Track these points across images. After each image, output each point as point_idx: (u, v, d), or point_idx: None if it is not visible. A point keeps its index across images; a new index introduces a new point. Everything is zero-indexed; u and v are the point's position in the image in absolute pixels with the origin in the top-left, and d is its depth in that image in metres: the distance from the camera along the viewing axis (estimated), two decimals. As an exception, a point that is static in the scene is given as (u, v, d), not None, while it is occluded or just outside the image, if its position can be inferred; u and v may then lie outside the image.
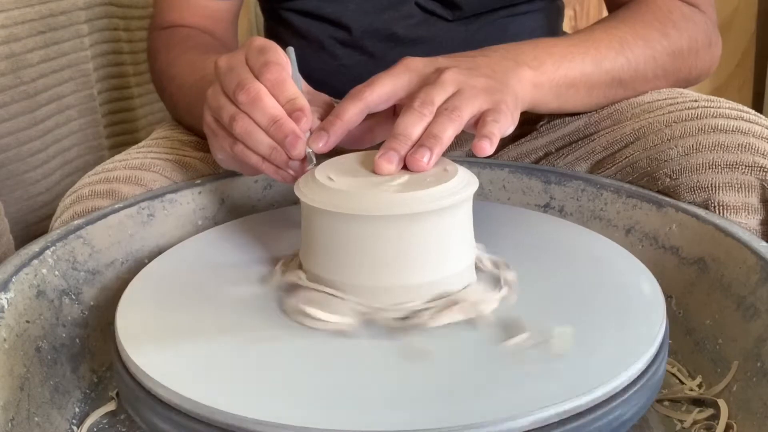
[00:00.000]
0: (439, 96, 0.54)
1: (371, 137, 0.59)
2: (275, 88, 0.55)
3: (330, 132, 0.55)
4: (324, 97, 0.62)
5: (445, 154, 0.53)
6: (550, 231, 0.62)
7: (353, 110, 0.56)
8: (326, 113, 0.57)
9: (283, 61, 0.56)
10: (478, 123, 0.54)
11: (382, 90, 0.57)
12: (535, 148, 0.77)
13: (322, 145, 0.54)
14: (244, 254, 0.58)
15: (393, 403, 0.42)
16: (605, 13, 0.83)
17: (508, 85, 0.59)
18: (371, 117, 0.58)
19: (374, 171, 0.51)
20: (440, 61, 0.59)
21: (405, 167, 0.51)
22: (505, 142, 0.78)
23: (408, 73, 0.58)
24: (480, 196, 0.51)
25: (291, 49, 0.59)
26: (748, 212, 0.63)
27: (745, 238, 0.57)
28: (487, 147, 0.52)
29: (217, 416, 0.41)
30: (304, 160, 0.54)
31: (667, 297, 0.52)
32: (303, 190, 0.50)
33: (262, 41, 0.57)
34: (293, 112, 0.54)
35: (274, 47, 0.57)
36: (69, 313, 0.60)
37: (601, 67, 0.68)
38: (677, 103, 0.69)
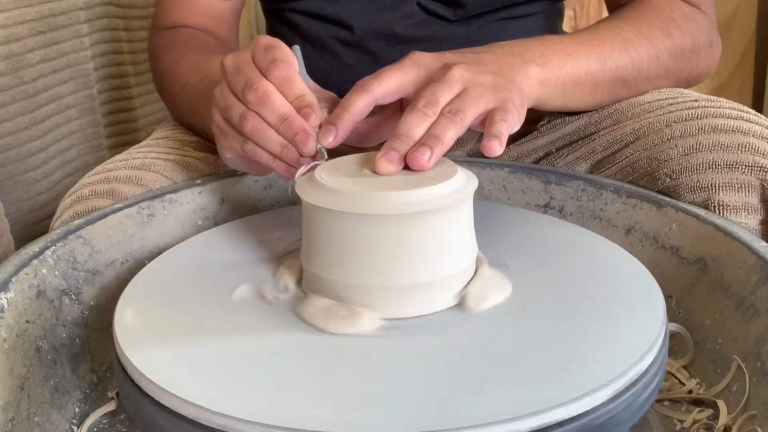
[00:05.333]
0: (444, 95, 0.54)
1: (378, 134, 0.59)
2: (283, 86, 0.55)
3: (338, 126, 0.54)
4: (330, 95, 0.62)
5: (445, 154, 0.53)
6: (549, 231, 0.62)
7: (361, 102, 0.55)
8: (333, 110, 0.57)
9: (290, 59, 0.56)
10: (485, 122, 0.54)
11: (389, 83, 0.57)
12: (536, 148, 0.77)
13: (331, 139, 0.54)
14: (245, 254, 0.58)
15: (393, 403, 0.42)
16: (605, 14, 0.83)
17: (515, 82, 0.59)
18: (378, 114, 0.58)
19: (375, 171, 0.51)
20: (447, 56, 0.59)
21: (406, 167, 0.51)
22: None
23: (415, 68, 0.58)
24: (480, 196, 0.51)
25: (297, 47, 0.59)
26: (748, 212, 0.63)
27: (745, 238, 0.57)
28: (496, 147, 0.51)
29: (216, 418, 0.41)
30: (315, 156, 0.54)
31: (667, 297, 0.52)
32: (304, 190, 0.50)
33: (268, 39, 0.57)
34: (302, 109, 0.54)
35: (281, 45, 0.57)
36: (69, 313, 0.60)
37: (605, 66, 0.68)
38: (677, 102, 0.69)
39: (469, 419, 0.39)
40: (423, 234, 0.48)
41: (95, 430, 0.55)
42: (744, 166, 0.62)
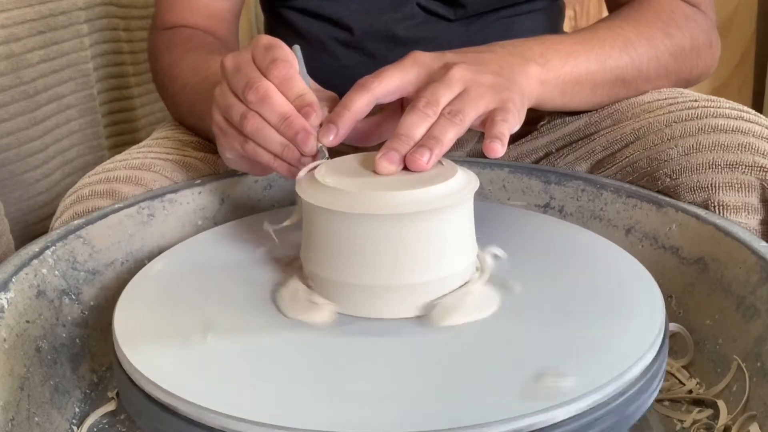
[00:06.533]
0: (445, 96, 0.54)
1: (378, 134, 0.59)
2: (283, 85, 0.55)
3: (339, 124, 0.54)
4: (331, 94, 0.62)
5: (445, 154, 0.53)
6: (550, 231, 0.62)
7: (361, 101, 0.55)
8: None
9: (290, 58, 0.56)
10: (486, 122, 0.54)
11: (390, 82, 0.57)
12: (536, 148, 0.77)
13: (332, 138, 0.54)
14: (244, 254, 0.58)
15: (391, 403, 0.42)
16: (605, 13, 0.83)
17: (516, 82, 0.59)
18: (379, 113, 0.58)
19: (375, 171, 0.51)
20: (448, 56, 0.59)
21: (406, 167, 0.51)
22: (505, 143, 0.78)
23: (416, 67, 0.57)
24: (480, 196, 0.51)
25: (297, 47, 0.59)
26: (748, 212, 0.63)
27: (745, 238, 0.57)
28: (498, 148, 0.51)
29: (216, 417, 0.41)
30: (316, 155, 0.54)
31: (667, 297, 0.52)
32: (304, 189, 0.50)
33: (268, 39, 0.57)
34: (302, 108, 0.54)
35: (281, 45, 0.57)
36: (69, 313, 0.60)
37: (605, 66, 0.68)
38: (677, 102, 0.69)
39: (468, 419, 0.39)
40: (423, 234, 0.48)
41: (95, 430, 0.55)
42: (744, 166, 0.62)
